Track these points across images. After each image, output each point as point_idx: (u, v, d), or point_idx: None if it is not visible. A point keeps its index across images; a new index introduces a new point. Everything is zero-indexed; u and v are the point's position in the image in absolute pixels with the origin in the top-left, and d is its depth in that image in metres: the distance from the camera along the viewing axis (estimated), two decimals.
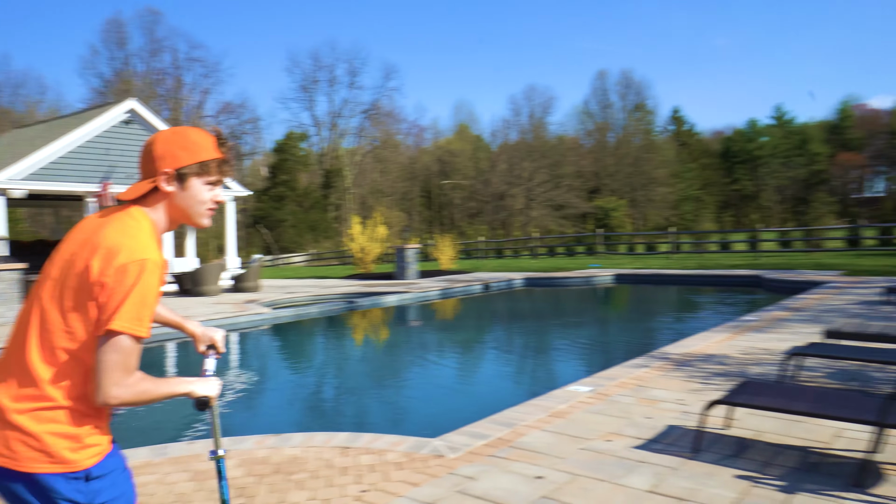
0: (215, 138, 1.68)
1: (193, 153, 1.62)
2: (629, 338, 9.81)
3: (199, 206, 1.66)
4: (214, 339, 1.96)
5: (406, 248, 18.55)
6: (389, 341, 10.53)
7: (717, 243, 28.59)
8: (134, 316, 1.46)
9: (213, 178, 1.66)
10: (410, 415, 6.07)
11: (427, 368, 8.21)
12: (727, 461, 3.65)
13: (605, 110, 54.09)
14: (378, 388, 7.19)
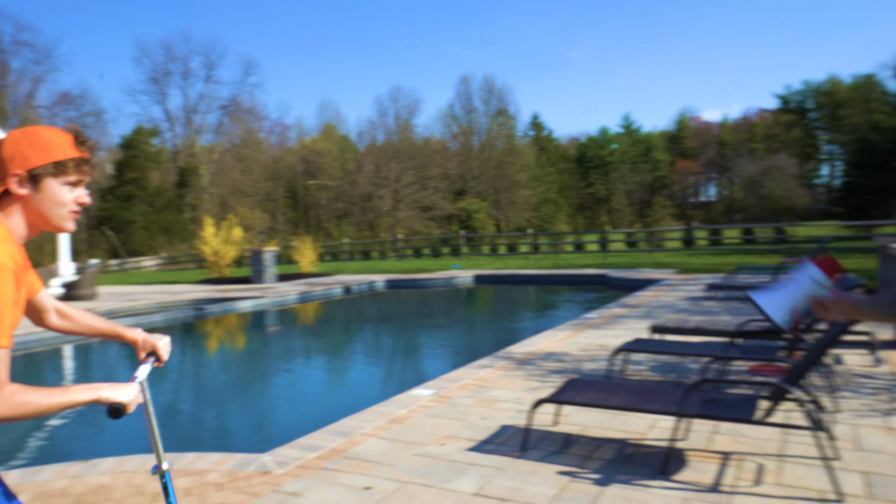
0: (72, 136, 1.56)
1: (46, 152, 1.51)
2: (479, 338, 10.05)
3: (58, 209, 1.54)
4: (157, 345, 1.88)
5: (263, 250, 17.86)
6: (236, 351, 10.03)
7: (573, 244, 30.29)
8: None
9: (72, 179, 1.55)
10: (246, 430, 5.78)
11: (272, 378, 7.89)
12: (551, 458, 3.78)
13: (469, 114, 55.49)
14: (216, 402, 6.80)
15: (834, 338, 3.81)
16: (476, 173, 53.30)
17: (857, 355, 6.19)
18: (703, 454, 3.77)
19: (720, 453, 3.78)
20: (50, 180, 1.52)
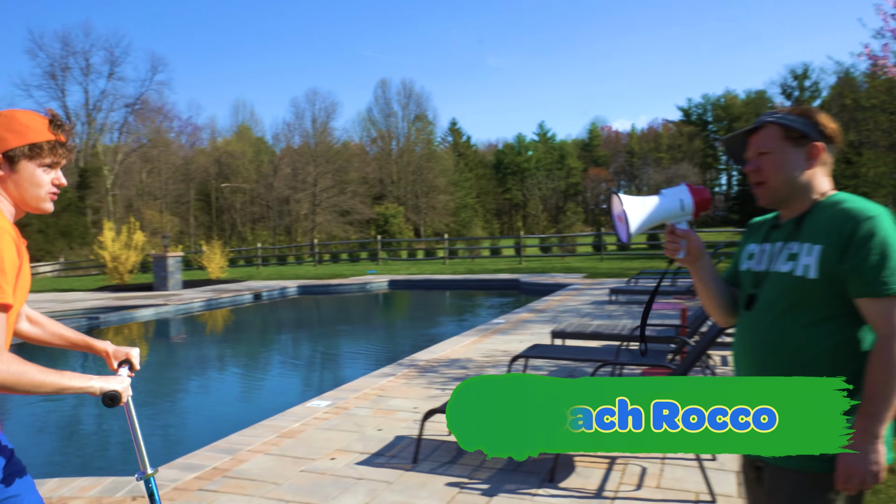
0: (49, 120, 1.61)
1: (21, 135, 1.56)
2: (387, 345, 9.95)
3: (35, 190, 1.60)
4: (130, 353, 1.90)
5: (167, 256, 17.03)
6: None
7: (489, 249, 30.68)
8: None
9: (47, 161, 1.60)
10: (126, 450, 5.41)
11: (163, 393, 7.48)
12: (442, 469, 3.73)
13: (387, 119, 55.34)
14: (95, 421, 6.36)
15: (713, 339, 3.97)
16: (395, 178, 53.19)
17: None
18: (590, 459, 3.83)
19: (607, 458, 3.85)
20: (25, 162, 1.57)
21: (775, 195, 1.61)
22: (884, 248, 1.44)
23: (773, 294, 1.59)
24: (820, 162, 1.59)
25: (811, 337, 1.52)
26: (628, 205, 1.61)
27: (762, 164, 1.60)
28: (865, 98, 9.55)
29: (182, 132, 56.42)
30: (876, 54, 5.32)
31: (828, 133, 1.58)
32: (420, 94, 56.17)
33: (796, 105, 1.66)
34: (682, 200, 1.64)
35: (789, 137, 1.57)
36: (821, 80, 35.02)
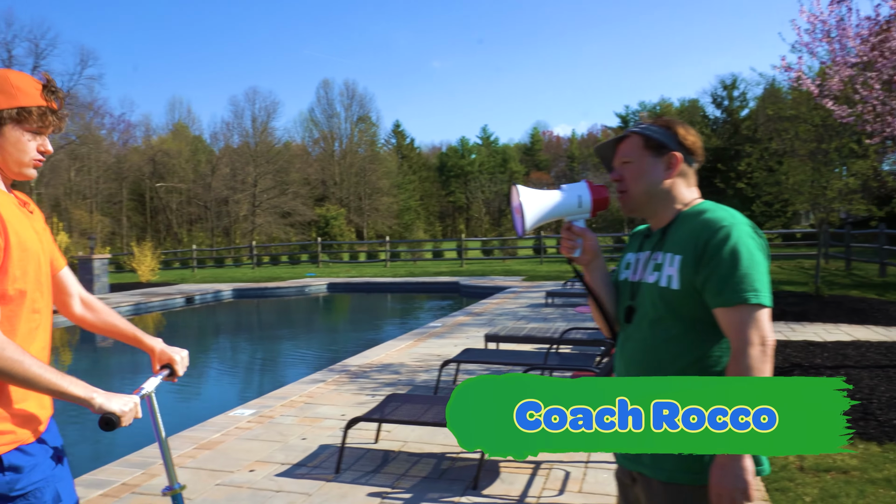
0: (42, 84, 1.51)
1: (11, 97, 1.47)
2: (321, 350, 9.77)
3: (19, 156, 1.50)
4: (174, 358, 1.79)
5: (93, 258, 16.28)
6: None
7: (431, 251, 30.68)
8: None
9: (35, 127, 1.50)
10: None
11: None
12: (365, 478, 3.65)
13: (330, 120, 54.71)
14: None
15: None
16: (338, 179, 52.59)
17: None
18: (515, 465, 3.81)
19: (532, 463, 3.84)
20: (12, 125, 1.48)
21: (635, 203, 1.63)
22: (736, 257, 1.44)
23: (644, 306, 1.59)
24: (679, 172, 1.60)
25: (678, 349, 1.52)
26: (525, 197, 1.58)
27: (624, 173, 1.63)
28: (786, 109, 10.00)
29: (114, 129, 54.21)
30: (791, 66, 5.54)
31: (687, 144, 1.60)
32: (363, 95, 55.88)
33: (660, 117, 1.68)
34: (581, 197, 1.62)
35: (649, 147, 1.60)
36: (748, 90, 36.56)
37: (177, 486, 1.70)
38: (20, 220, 1.49)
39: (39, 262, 1.54)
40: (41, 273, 1.54)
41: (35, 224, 1.58)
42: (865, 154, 9.10)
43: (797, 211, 12.20)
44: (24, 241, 1.47)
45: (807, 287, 11.37)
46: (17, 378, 1.37)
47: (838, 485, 3.41)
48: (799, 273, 15.18)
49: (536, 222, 1.59)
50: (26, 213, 1.56)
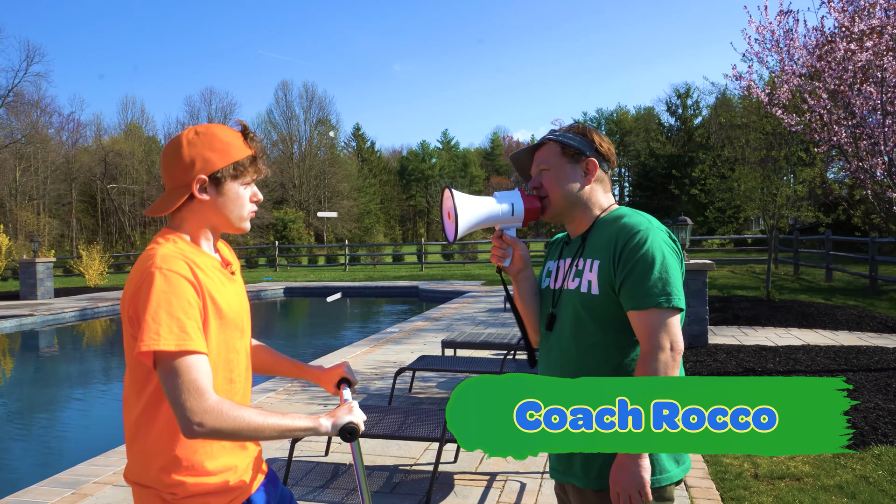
0: (241, 133, 1.50)
1: (226, 154, 1.46)
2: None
3: (239, 211, 1.50)
4: (344, 372, 1.77)
5: (36, 261, 15.61)
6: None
7: (392, 255, 30.47)
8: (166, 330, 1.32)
9: (248, 179, 1.50)
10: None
11: (11, 416, 6.75)
12: (314, 494, 3.50)
13: (289, 122, 53.99)
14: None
15: None
16: (297, 182, 51.91)
17: None
18: (470, 477, 3.72)
19: (487, 475, 3.75)
20: (230, 182, 1.46)
21: (556, 209, 1.64)
22: (649, 261, 1.46)
23: (566, 313, 1.60)
24: (596, 178, 1.63)
25: (602, 356, 1.53)
26: (460, 202, 1.54)
27: (543, 180, 1.64)
28: (737, 117, 10.19)
29: (63, 128, 52.56)
30: (742, 75, 5.60)
31: (602, 151, 1.63)
32: (323, 97, 55.37)
33: (575, 125, 1.68)
34: (514, 205, 1.60)
35: (566, 154, 1.62)
36: (701, 99, 37.49)
37: None
38: (219, 285, 1.45)
39: (240, 327, 1.52)
40: (237, 338, 1.50)
41: (237, 286, 1.55)
42: (813, 162, 9.33)
43: (749, 217, 12.50)
44: (222, 309, 1.43)
45: (758, 292, 11.62)
46: (247, 434, 1.33)
47: (792, 492, 3.41)
48: (751, 278, 15.54)
49: (469, 228, 1.55)
50: (227, 275, 1.52)
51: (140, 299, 1.32)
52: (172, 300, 1.32)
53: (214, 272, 1.46)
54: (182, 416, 1.28)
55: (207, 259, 1.46)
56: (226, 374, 1.47)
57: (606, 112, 64.55)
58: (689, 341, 6.95)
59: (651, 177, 35.83)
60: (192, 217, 1.47)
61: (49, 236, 44.39)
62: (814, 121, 5.58)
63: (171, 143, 1.47)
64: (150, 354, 1.29)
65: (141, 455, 1.38)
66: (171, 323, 1.30)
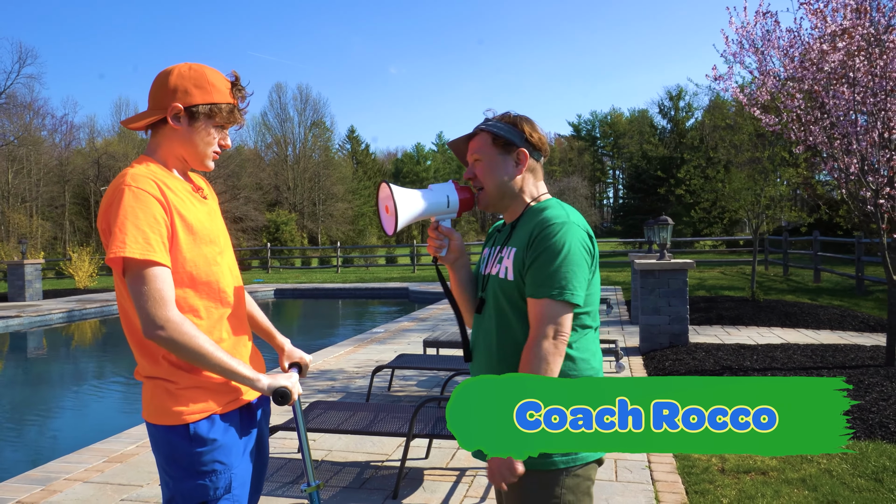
0: (231, 83, 1.61)
1: (206, 93, 1.57)
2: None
3: (204, 148, 1.60)
4: (304, 358, 1.87)
5: (24, 263, 15.57)
6: None
7: (385, 257, 30.47)
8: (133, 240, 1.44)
9: (221, 123, 1.60)
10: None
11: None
12: (284, 489, 3.51)
13: (283, 124, 53.96)
14: None
15: None
16: (291, 184, 51.86)
17: (606, 362, 6.72)
18: (440, 472, 3.74)
19: (457, 470, 3.77)
20: (204, 120, 1.57)
21: (489, 199, 1.66)
22: (554, 253, 1.50)
23: (490, 298, 1.65)
24: (528, 168, 1.65)
25: (517, 340, 1.57)
26: (399, 196, 1.56)
27: (476, 170, 1.66)
28: (722, 119, 10.26)
29: (56, 131, 52.39)
30: (722, 76, 5.65)
31: (533, 141, 1.65)
32: (317, 100, 55.47)
33: (506, 115, 1.69)
34: (449, 197, 1.64)
35: (497, 144, 1.64)
36: (694, 101, 37.63)
37: (314, 484, 1.68)
38: (189, 205, 1.57)
39: (215, 242, 1.62)
40: (215, 253, 1.61)
41: (209, 208, 1.67)
42: (797, 163, 9.40)
43: (740, 219, 12.57)
44: (192, 225, 1.55)
45: (745, 292, 11.68)
46: (192, 354, 1.45)
47: (756, 486, 3.44)
48: (740, 279, 15.60)
49: (408, 221, 1.59)
50: (198, 198, 1.64)
51: (111, 213, 1.46)
52: (139, 214, 1.45)
53: (185, 194, 1.58)
54: (145, 319, 1.42)
55: (178, 182, 1.59)
56: (211, 293, 1.57)
57: (601, 114, 64.73)
58: (670, 340, 6.99)
59: (644, 178, 35.97)
60: (165, 143, 1.60)
61: (42, 238, 44.23)
62: (791, 121, 5.63)
63: (164, 70, 1.60)
64: (119, 261, 1.44)
65: (148, 351, 1.53)
66: (137, 234, 1.43)
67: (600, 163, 63.64)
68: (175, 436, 1.52)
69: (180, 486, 1.52)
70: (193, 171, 1.72)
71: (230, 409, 1.57)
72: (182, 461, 1.52)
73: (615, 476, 3.62)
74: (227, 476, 1.54)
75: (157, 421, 1.53)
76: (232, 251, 1.74)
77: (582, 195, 51.74)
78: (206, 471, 1.52)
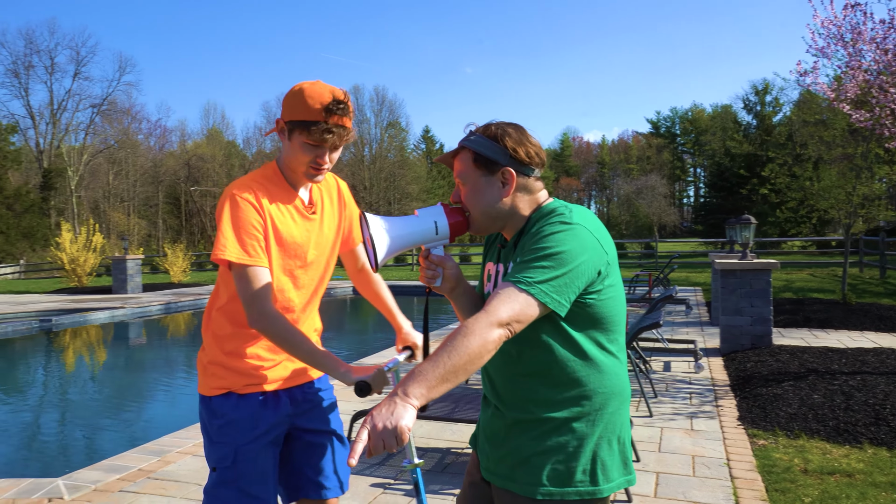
0: (329, 102, 1.64)
1: (296, 112, 1.65)
2: (344, 349, 9.94)
3: (296, 164, 1.71)
4: (417, 343, 1.95)
5: (126, 258, 16.77)
6: (75, 365, 9.30)
7: (459, 256, 30.77)
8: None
9: (311, 141, 1.67)
10: (49, 453, 5.31)
11: (107, 394, 7.37)
12: (370, 470, 3.75)
13: (360, 125, 55.20)
14: (17, 424, 6.25)
15: (629, 343, 4.06)
16: (367, 184, 53.07)
17: (685, 362, 6.66)
18: None
19: None
20: (296, 135, 1.68)
21: (479, 225, 1.47)
22: (543, 248, 1.29)
23: None
24: (516, 187, 1.43)
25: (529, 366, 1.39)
26: (375, 228, 1.42)
27: (462, 194, 1.48)
28: (811, 114, 9.86)
29: (151, 134, 55.72)
30: (807, 70, 5.51)
31: (518, 157, 1.42)
32: (393, 101, 56.38)
33: (493, 124, 1.46)
34: (437, 223, 1.47)
35: (479, 164, 1.43)
36: (781, 95, 35.86)
37: (417, 461, 1.71)
38: (286, 218, 1.76)
39: (301, 258, 1.80)
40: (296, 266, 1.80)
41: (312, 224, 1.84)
42: (893, 160, 8.93)
43: (832, 218, 11.99)
44: (283, 238, 1.75)
45: (835, 295, 11.17)
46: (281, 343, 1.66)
47: (840, 487, 3.40)
48: (830, 281, 14.88)
49: (391, 254, 1.44)
50: (303, 213, 1.81)
51: (217, 217, 1.68)
52: (239, 220, 1.66)
53: (285, 206, 1.76)
54: (247, 313, 1.66)
55: (284, 193, 1.77)
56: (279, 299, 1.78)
57: (681, 110, 62.77)
58: (752, 341, 6.85)
59: (726, 177, 34.64)
60: (282, 153, 1.78)
61: (138, 236, 47.24)
62: (884, 115, 5.42)
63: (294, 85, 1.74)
64: (221, 261, 1.66)
65: (206, 333, 1.84)
66: (235, 239, 1.65)
67: (680, 160, 61.73)
68: (203, 405, 1.81)
69: (205, 449, 1.81)
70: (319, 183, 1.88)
71: (247, 392, 1.76)
72: (204, 428, 1.81)
73: (692, 471, 3.66)
74: (231, 450, 1.72)
75: (198, 391, 1.84)
76: (324, 267, 1.89)
77: (660, 194, 50.40)
78: (216, 441, 1.75)
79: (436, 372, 1.18)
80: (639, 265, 23.16)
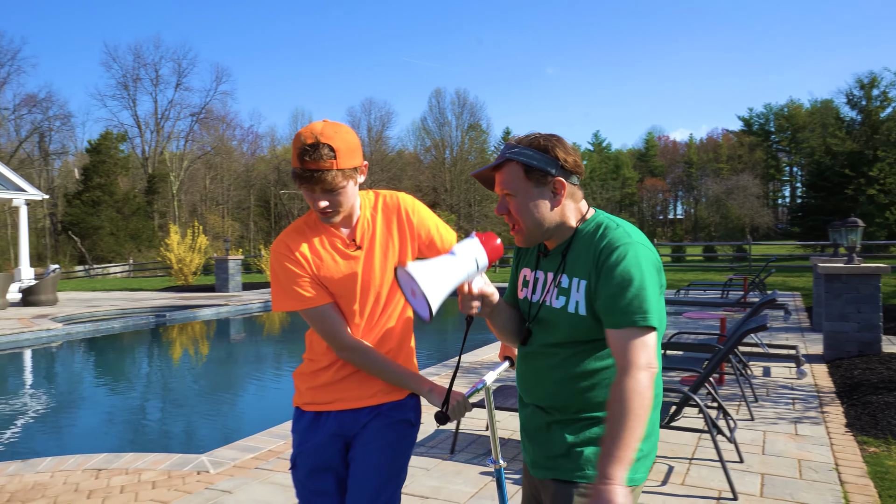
0: (299, 148, 1.63)
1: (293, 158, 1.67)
2: (431, 348, 10.24)
3: (311, 205, 1.72)
4: (514, 351, 1.95)
5: (228, 259, 17.84)
6: (193, 356, 10.07)
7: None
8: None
9: (300, 188, 1.69)
10: (191, 431, 5.87)
11: (225, 385, 7.97)
12: (477, 460, 3.98)
13: (441, 128, 55.93)
14: (168, 406, 6.87)
15: (725, 355, 4.11)
16: (448, 186, 53.65)
17: (786, 368, 6.53)
18: None
19: None
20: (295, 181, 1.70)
21: (530, 237, 1.53)
22: (625, 277, 1.38)
23: (546, 329, 1.54)
24: (566, 195, 1.50)
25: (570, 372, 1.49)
26: (424, 281, 1.38)
27: (510, 207, 1.51)
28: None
29: (244, 140, 58.62)
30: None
31: (568, 167, 1.48)
32: (474, 103, 56.71)
33: (537, 135, 1.51)
34: (478, 259, 1.48)
35: (531, 178, 1.48)
36: (889, 90, 33.43)
37: (500, 461, 1.87)
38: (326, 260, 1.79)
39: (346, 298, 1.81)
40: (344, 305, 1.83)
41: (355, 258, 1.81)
42: None
43: None
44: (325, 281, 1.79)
45: None
46: (368, 369, 1.80)
47: None
48: None
49: (442, 300, 1.41)
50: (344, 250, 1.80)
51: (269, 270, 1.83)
52: (279, 273, 1.77)
53: (326, 248, 1.79)
54: (332, 348, 1.80)
55: (323, 235, 1.80)
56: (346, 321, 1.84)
57: (776, 106, 59.83)
58: (859, 348, 6.62)
59: (827, 176, 32.71)
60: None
61: (232, 238, 49.84)
62: None
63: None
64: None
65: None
66: (281, 291, 1.77)
67: (774, 159, 58.84)
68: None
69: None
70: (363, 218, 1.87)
71: (307, 410, 1.90)
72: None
73: (799, 474, 3.67)
74: (293, 455, 1.93)
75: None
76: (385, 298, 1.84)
77: (753, 194, 48.25)
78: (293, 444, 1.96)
79: (630, 448, 1.27)
80: (731, 268, 22.37)
